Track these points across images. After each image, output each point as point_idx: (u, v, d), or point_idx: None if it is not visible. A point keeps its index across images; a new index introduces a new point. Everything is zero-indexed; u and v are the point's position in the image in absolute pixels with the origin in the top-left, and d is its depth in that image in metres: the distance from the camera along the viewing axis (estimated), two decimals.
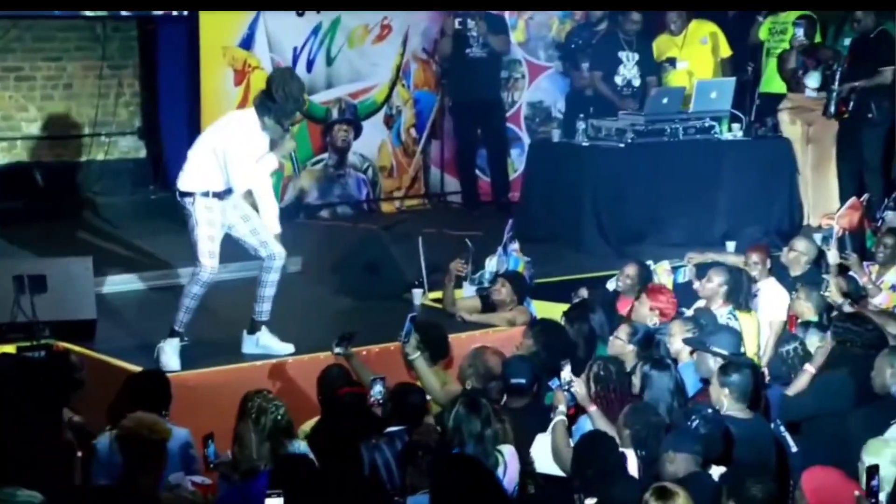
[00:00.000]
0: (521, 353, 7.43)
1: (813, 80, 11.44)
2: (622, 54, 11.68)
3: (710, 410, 6.08)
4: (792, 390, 6.82)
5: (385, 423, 6.42)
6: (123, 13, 11.05)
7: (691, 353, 7.23)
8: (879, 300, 8.67)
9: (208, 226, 7.70)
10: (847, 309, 7.89)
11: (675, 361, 7.22)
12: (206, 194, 7.68)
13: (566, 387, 6.57)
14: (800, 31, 11.44)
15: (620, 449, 6.07)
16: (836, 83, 11.22)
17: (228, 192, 7.73)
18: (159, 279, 9.48)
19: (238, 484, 5.81)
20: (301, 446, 5.97)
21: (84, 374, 6.79)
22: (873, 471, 5.49)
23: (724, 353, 6.98)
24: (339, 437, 6.09)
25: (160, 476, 5.50)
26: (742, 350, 7.22)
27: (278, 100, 7.61)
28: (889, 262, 9.04)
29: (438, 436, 6.05)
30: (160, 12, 11.01)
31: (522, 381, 6.79)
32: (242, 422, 6.02)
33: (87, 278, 8.32)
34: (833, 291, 8.12)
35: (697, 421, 5.91)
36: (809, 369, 6.86)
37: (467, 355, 7.33)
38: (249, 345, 7.95)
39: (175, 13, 11.02)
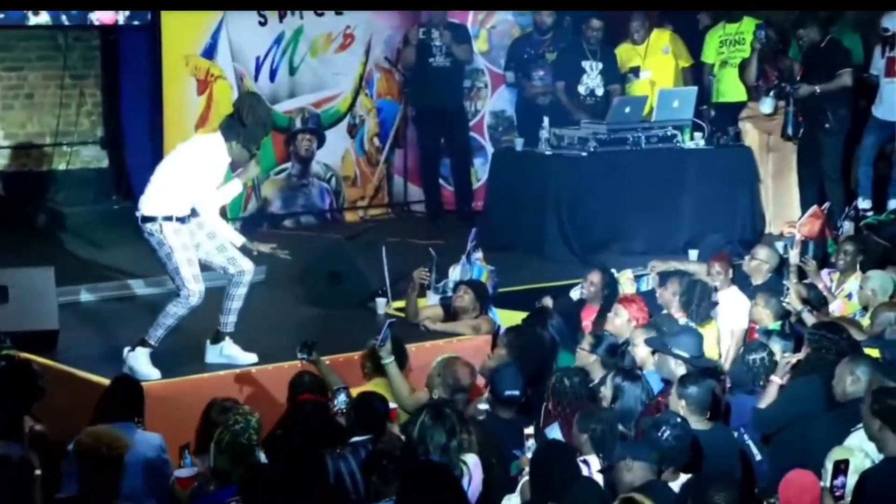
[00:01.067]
0: (493, 362, 7.43)
1: (766, 106, 11.54)
2: (586, 63, 11.73)
3: (678, 419, 6.08)
4: (763, 403, 6.83)
5: (347, 433, 6.42)
6: (97, 22, 11.00)
7: (653, 352, 7.25)
8: (834, 307, 8.74)
9: (183, 250, 7.61)
10: (807, 316, 7.93)
11: (640, 369, 7.24)
12: (169, 218, 7.57)
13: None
14: (761, 33, 11.52)
15: (583, 457, 6.08)
16: (791, 104, 11.32)
17: (193, 214, 7.66)
18: (122, 289, 9.46)
19: (210, 493, 5.80)
20: (261, 456, 5.96)
21: (46, 383, 6.75)
22: (841, 465, 5.52)
23: (685, 355, 7.00)
24: (298, 446, 6.08)
25: (118, 488, 5.47)
26: (702, 353, 7.21)
27: (248, 124, 7.59)
28: (850, 270, 9.11)
29: (403, 445, 6.04)
30: (123, 21, 10.95)
31: (516, 393, 6.78)
32: (205, 431, 6.00)
33: (50, 288, 8.28)
34: (793, 298, 8.17)
35: (667, 430, 5.92)
36: (776, 380, 6.88)
37: (436, 364, 7.30)
38: (213, 354, 7.91)
39: (137, 22, 11.00)
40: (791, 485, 5.64)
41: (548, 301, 8.45)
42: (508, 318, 8.80)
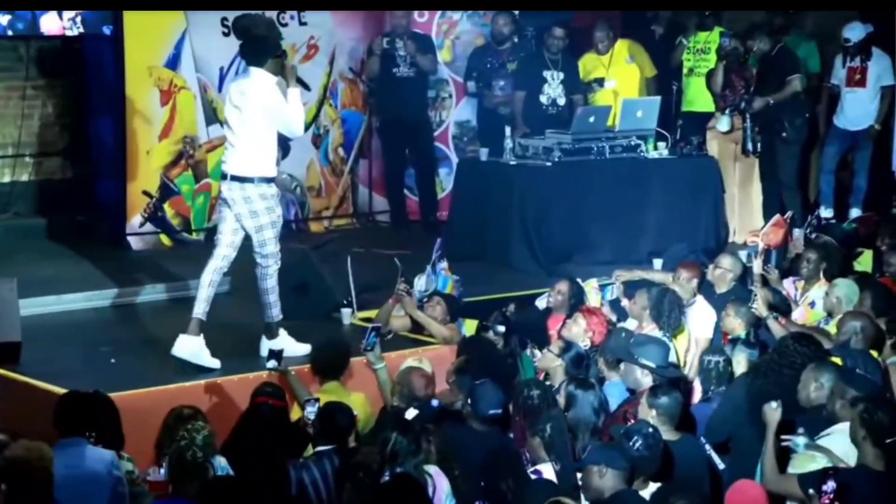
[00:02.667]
0: (452, 373, 7.45)
1: (723, 124, 11.62)
2: (547, 73, 11.76)
3: (650, 428, 6.10)
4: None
5: (303, 439, 6.39)
6: (47, 33, 10.96)
7: (618, 361, 7.27)
8: (796, 315, 8.79)
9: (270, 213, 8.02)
10: (772, 323, 7.96)
11: (603, 380, 7.25)
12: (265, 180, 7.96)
13: None
14: (726, 41, 11.59)
15: (537, 466, 6.10)
16: (748, 120, 11.39)
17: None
18: (86, 301, 9.41)
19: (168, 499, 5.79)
20: (221, 462, 5.94)
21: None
22: (829, 472, 5.55)
23: (651, 365, 7.02)
24: (253, 449, 6.07)
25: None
26: (669, 363, 7.22)
27: (259, 35, 7.93)
28: (813, 278, 9.16)
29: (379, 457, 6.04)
30: (75, 32, 10.91)
31: (499, 411, 6.78)
32: (161, 438, 5.98)
33: (12, 300, 8.22)
34: (759, 304, 8.21)
35: (638, 440, 5.94)
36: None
37: (399, 373, 7.34)
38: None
39: (80, 31, 10.95)
40: (737, 493, 5.67)
41: (511, 308, 8.44)
42: (468, 326, 8.81)
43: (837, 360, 7.16)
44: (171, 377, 7.76)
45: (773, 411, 6.33)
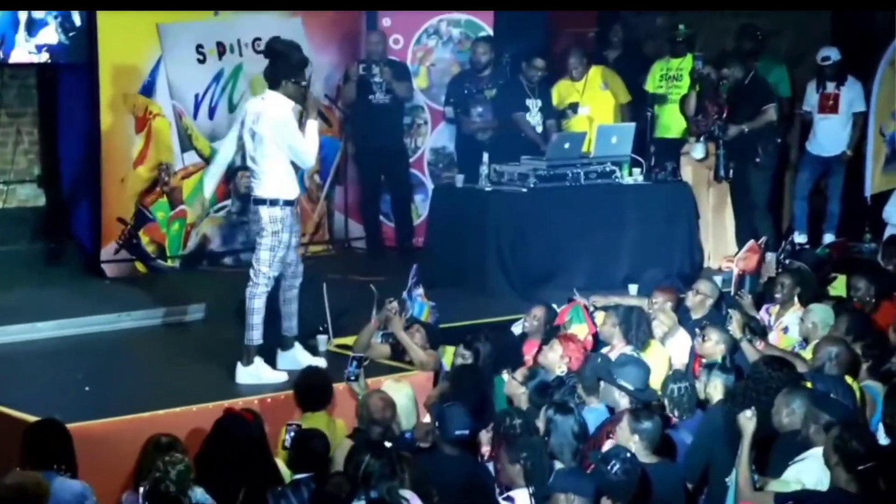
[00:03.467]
0: (436, 398, 7.44)
1: (697, 152, 11.67)
2: (529, 101, 11.81)
3: (628, 453, 6.10)
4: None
5: (260, 454, 6.37)
6: (20, 61, 10.93)
7: (598, 379, 7.28)
8: (770, 340, 8.81)
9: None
10: (746, 346, 7.98)
11: (583, 405, 7.25)
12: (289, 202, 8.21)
13: None
14: (699, 64, 11.65)
15: (510, 493, 6.09)
16: (721, 147, 11.45)
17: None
18: (60, 329, 9.36)
19: None
20: (198, 494, 5.91)
21: None
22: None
23: (629, 387, 7.02)
24: (219, 461, 6.06)
25: None
26: (647, 386, 7.21)
27: (279, 49, 8.15)
28: (788, 302, 9.19)
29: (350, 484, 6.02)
30: (44, 61, 10.88)
31: (466, 432, 6.78)
32: (140, 466, 5.95)
33: None
34: (734, 326, 8.24)
35: (616, 464, 5.94)
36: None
37: (362, 396, 7.37)
38: (285, 362, 8.34)
39: (43, 59, 10.93)
40: None
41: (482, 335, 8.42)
42: (448, 353, 8.80)
43: (808, 384, 7.20)
44: (145, 405, 7.70)
45: (747, 420, 6.37)
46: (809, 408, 6.46)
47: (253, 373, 8.19)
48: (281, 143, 8.09)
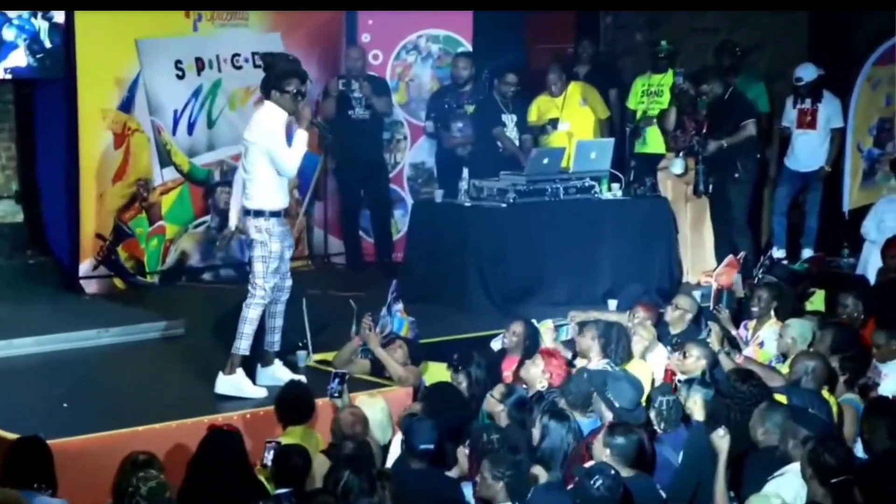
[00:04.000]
0: (408, 415, 7.44)
1: (677, 167, 11.71)
2: (504, 117, 11.84)
3: (612, 470, 6.10)
4: None
5: (245, 470, 6.36)
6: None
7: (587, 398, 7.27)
8: (746, 354, 8.84)
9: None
10: (723, 358, 8.00)
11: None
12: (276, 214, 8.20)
13: None
14: (679, 79, 11.69)
15: None
16: (701, 162, 11.49)
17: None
18: (38, 345, 9.32)
19: None
20: None
21: None
22: None
23: (616, 404, 7.01)
24: (208, 479, 6.04)
25: None
26: (635, 407, 7.18)
27: (268, 61, 8.36)
28: (765, 317, 9.21)
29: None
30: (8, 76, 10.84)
31: (431, 446, 6.76)
32: (117, 485, 5.93)
33: None
34: (713, 339, 8.27)
35: (599, 480, 5.94)
36: None
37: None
38: (265, 378, 8.27)
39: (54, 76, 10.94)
40: None
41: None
42: (429, 369, 8.80)
43: (782, 398, 7.23)
44: (124, 421, 7.68)
45: (720, 439, 6.39)
46: (787, 423, 6.48)
47: (234, 383, 8.16)
48: (265, 152, 8.09)
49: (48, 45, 10.82)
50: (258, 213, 8.18)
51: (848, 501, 5.86)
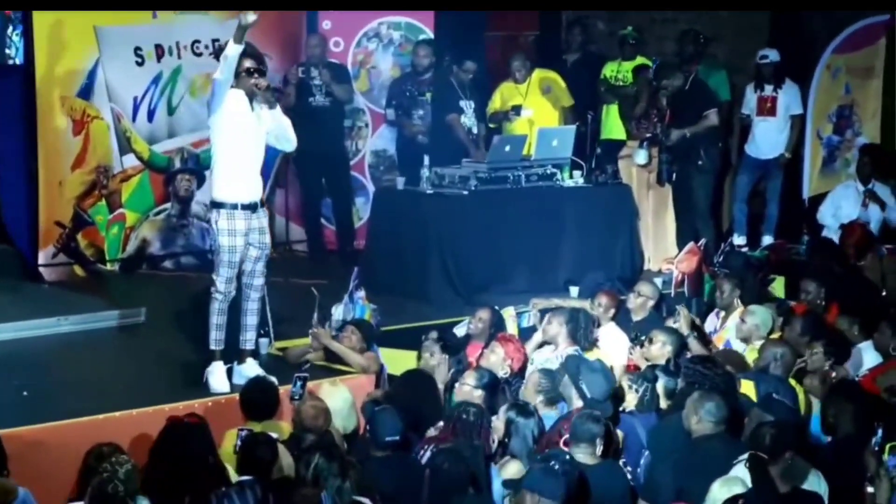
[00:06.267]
0: (372, 403, 7.44)
1: (640, 157, 11.73)
2: (462, 103, 11.83)
3: (566, 456, 6.11)
4: None
5: (207, 459, 6.38)
6: None
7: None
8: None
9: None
10: (693, 343, 8.03)
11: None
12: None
13: None
14: (646, 69, 11.71)
15: None
16: (664, 152, 11.52)
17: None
18: None
19: None
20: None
21: None
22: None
23: (587, 394, 7.00)
24: (168, 470, 6.00)
25: None
26: (605, 398, 7.18)
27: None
28: (730, 307, 9.24)
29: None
30: None
31: (396, 437, 6.74)
32: (82, 477, 5.89)
33: None
34: (682, 322, 8.31)
35: (556, 465, 5.95)
36: None
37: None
38: (239, 377, 8.09)
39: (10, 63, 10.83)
40: None
41: (433, 335, 8.42)
42: (391, 356, 8.80)
43: (750, 384, 7.27)
44: (85, 410, 7.64)
45: None
46: (721, 411, 6.51)
47: (210, 374, 8.11)
48: (214, 135, 7.97)
49: (6, 31, 10.73)
50: (217, 206, 8.06)
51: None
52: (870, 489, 5.81)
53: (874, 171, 11.90)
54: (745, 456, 6.23)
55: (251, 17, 7.65)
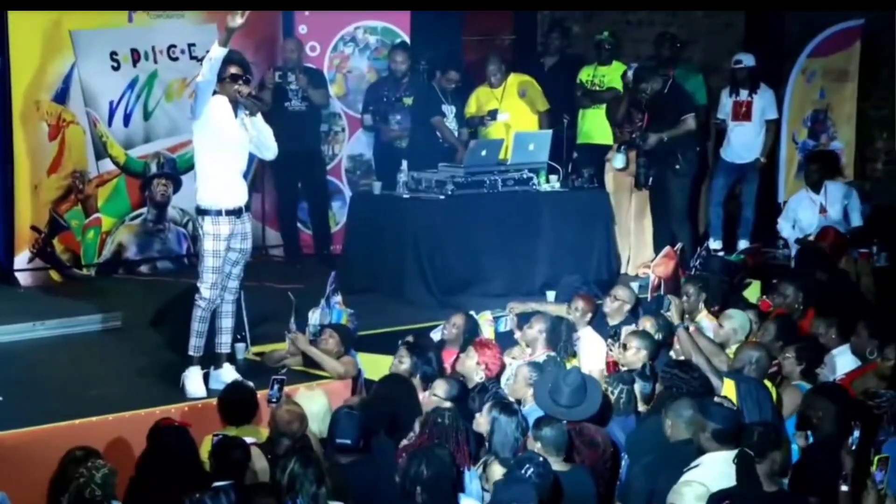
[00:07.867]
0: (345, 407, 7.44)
1: (618, 161, 11.76)
2: (445, 108, 11.85)
3: (541, 458, 6.12)
4: None
5: (195, 463, 6.37)
6: None
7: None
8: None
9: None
10: (682, 332, 8.05)
11: (519, 403, 7.26)
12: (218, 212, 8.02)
13: None
14: (629, 73, 11.73)
15: None
16: (642, 155, 11.55)
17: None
18: None
19: None
20: None
21: None
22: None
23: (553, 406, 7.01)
24: (158, 475, 5.99)
25: None
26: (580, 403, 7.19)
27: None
28: (695, 311, 9.26)
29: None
30: None
31: (347, 441, 6.74)
32: (57, 482, 5.88)
33: None
34: (674, 312, 8.34)
35: (530, 468, 5.96)
36: None
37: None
38: (216, 381, 8.07)
39: None
40: None
41: (409, 339, 8.42)
42: (369, 361, 8.79)
43: (731, 382, 7.30)
44: (61, 415, 7.61)
45: None
46: (695, 416, 6.53)
47: (186, 379, 8.09)
48: (197, 140, 7.96)
49: None
50: (201, 212, 8.03)
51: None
52: (844, 488, 5.84)
53: (823, 176, 11.92)
54: (702, 459, 6.28)
55: (238, 19, 7.59)
